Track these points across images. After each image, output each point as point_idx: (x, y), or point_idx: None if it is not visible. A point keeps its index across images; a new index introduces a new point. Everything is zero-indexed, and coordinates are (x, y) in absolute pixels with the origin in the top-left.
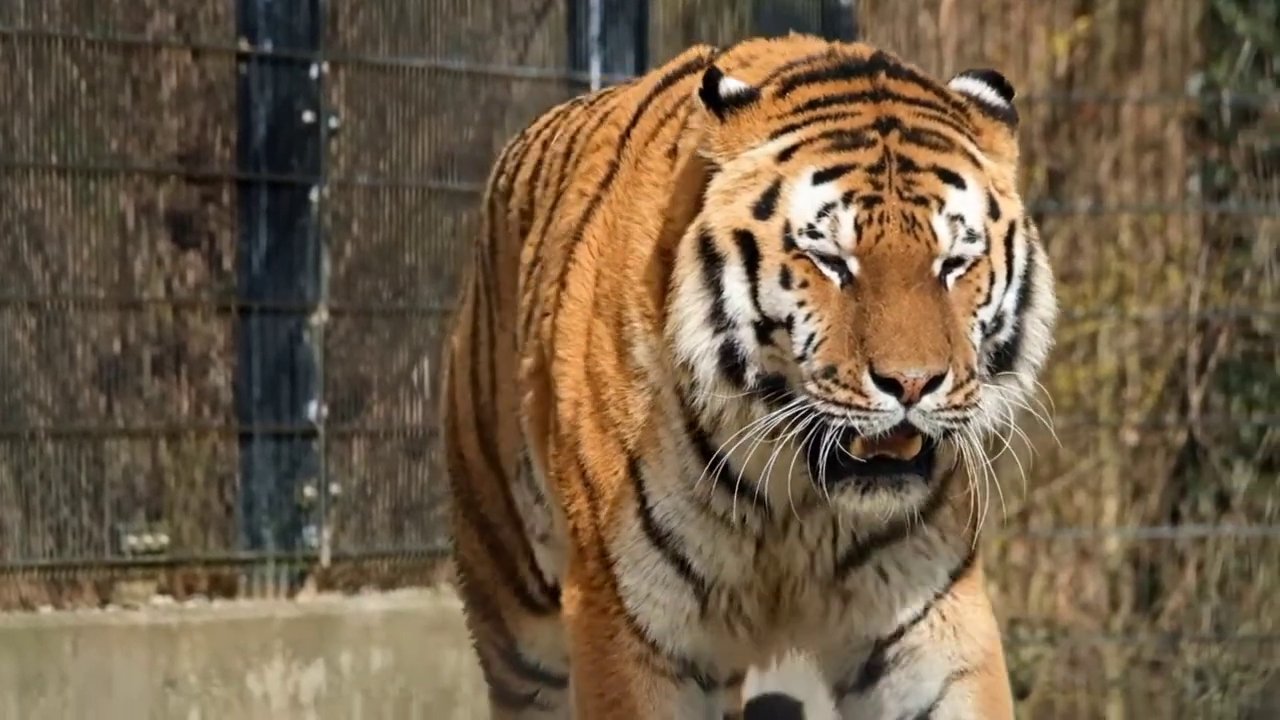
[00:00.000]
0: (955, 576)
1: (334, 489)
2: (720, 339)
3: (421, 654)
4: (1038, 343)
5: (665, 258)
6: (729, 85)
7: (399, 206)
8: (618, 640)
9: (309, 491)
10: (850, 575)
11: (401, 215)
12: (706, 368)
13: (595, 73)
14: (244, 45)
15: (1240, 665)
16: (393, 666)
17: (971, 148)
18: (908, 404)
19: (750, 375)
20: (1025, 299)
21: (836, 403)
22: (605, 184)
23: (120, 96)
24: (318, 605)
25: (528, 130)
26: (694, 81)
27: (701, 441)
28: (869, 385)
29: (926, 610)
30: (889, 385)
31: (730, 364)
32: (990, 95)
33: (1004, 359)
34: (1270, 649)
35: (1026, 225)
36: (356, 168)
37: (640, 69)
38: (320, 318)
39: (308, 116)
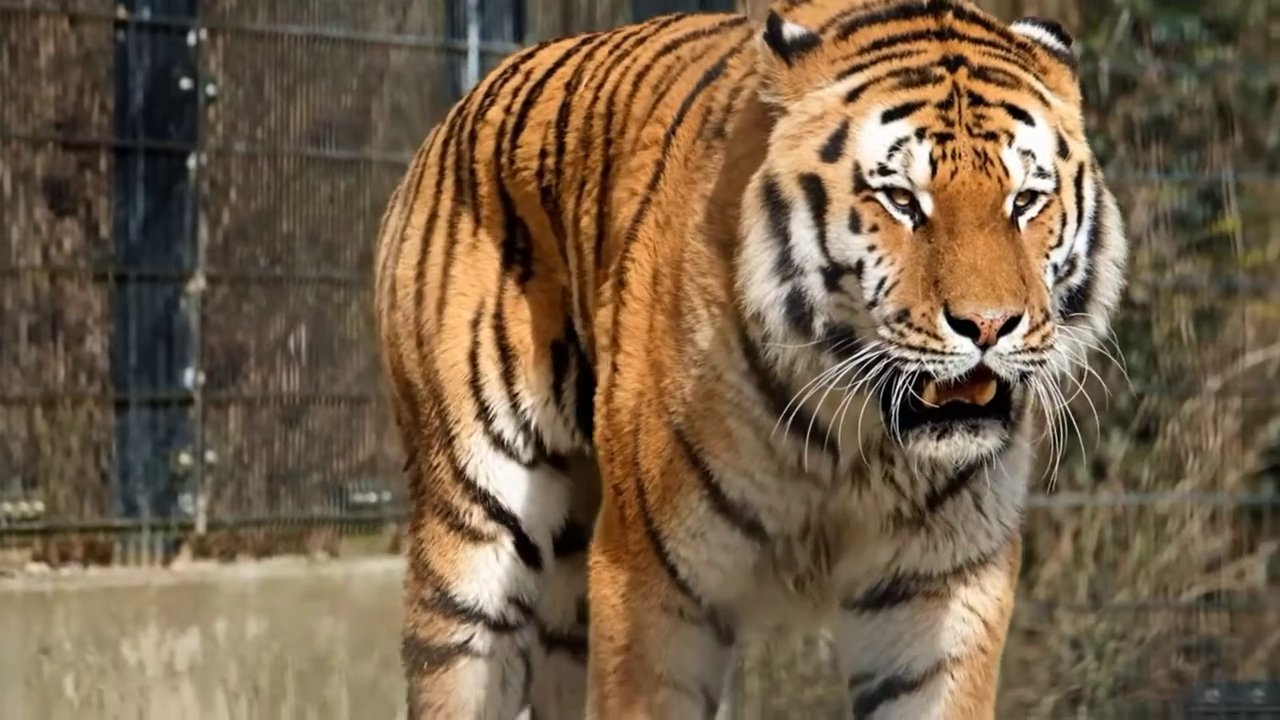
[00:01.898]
0: (1009, 526)
1: (210, 456)
2: (787, 287)
3: (296, 621)
4: (1110, 284)
5: (718, 241)
6: (792, 29)
7: (276, 174)
8: (644, 591)
9: (185, 459)
10: (929, 516)
11: (279, 183)
12: (775, 317)
13: (473, 40)
14: (121, 12)
15: (1116, 634)
16: (267, 634)
17: (1039, 86)
18: (984, 346)
19: (818, 324)
20: (1096, 240)
21: (911, 347)
22: (653, 185)
23: None
24: (193, 573)
25: (524, 66)
26: (736, 78)
27: (775, 396)
28: (944, 328)
29: (968, 564)
30: (965, 327)
31: (798, 313)
32: (1052, 39)
33: (1076, 302)
34: (1146, 618)
35: (1094, 168)
36: (234, 135)
37: (519, 36)
38: (197, 285)
39: (185, 84)
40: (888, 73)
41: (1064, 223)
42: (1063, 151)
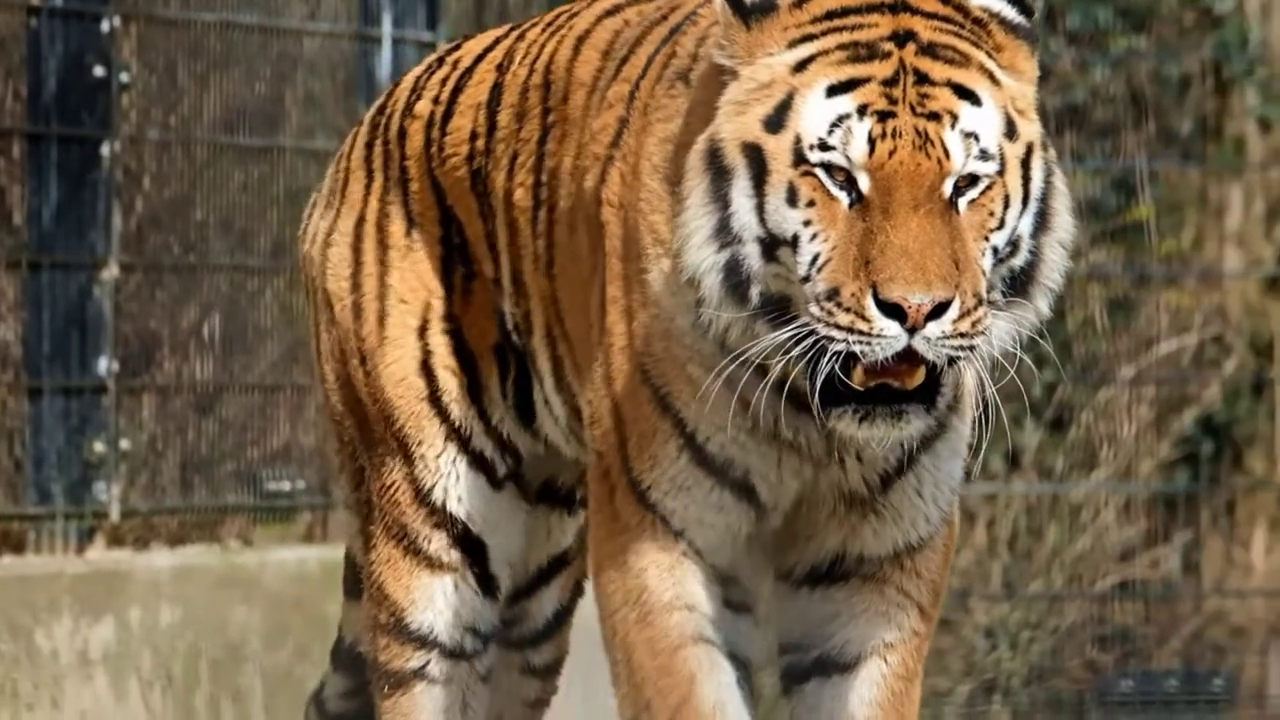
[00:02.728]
0: (946, 510)
1: (124, 444)
2: (725, 254)
3: (210, 609)
4: (1055, 267)
5: (670, 182)
6: None
7: (190, 161)
8: (639, 544)
9: (99, 447)
10: (878, 498)
11: (192, 170)
12: (711, 283)
13: (387, 28)
14: None
15: (1030, 623)
16: (181, 622)
17: (990, 64)
18: (911, 330)
19: (755, 293)
20: (1043, 222)
21: (838, 326)
22: (615, 142)
23: None
24: (107, 561)
25: (450, 57)
26: (704, 26)
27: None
28: (872, 310)
29: (907, 549)
30: (892, 310)
31: (735, 280)
32: (1012, 13)
33: (1019, 283)
34: (1060, 607)
35: (1045, 148)
36: (147, 122)
37: (432, 24)
38: (111, 273)
39: (99, 71)
40: (836, 45)
41: (1006, 205)
42: (1010, 133)
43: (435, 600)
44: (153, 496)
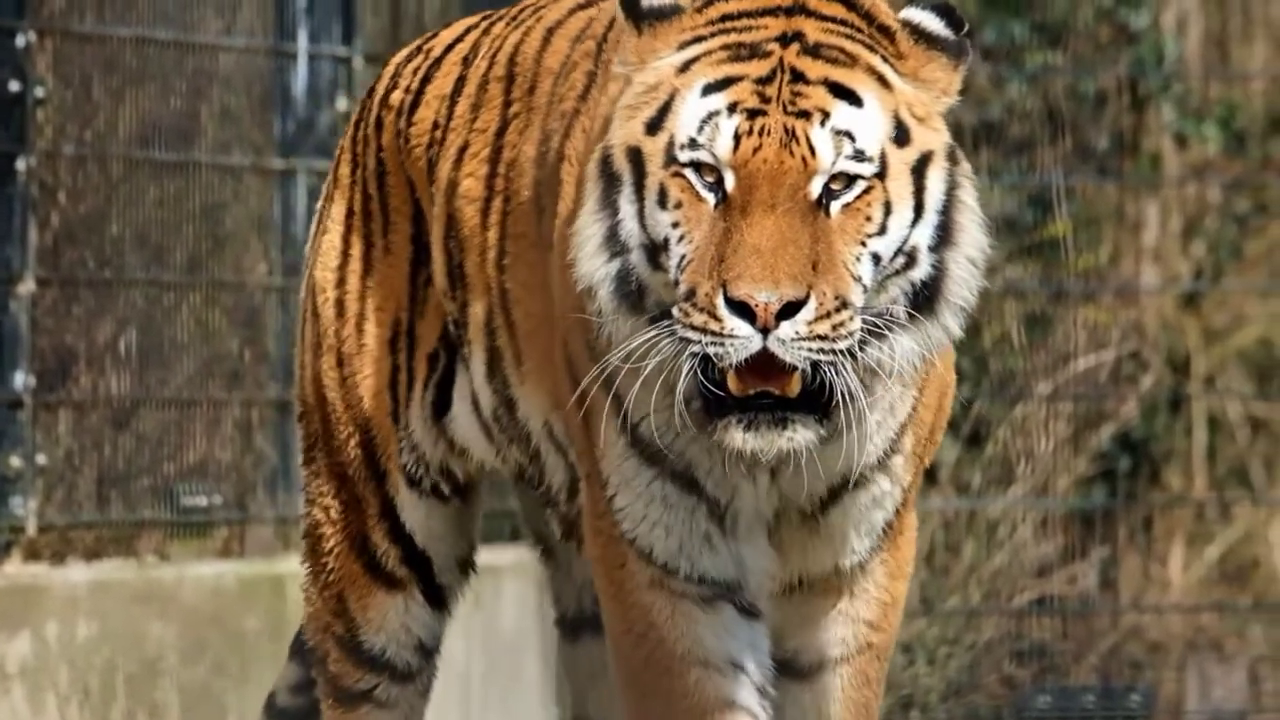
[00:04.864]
0: (889, 529)
1: (40, 459)
2: (616, 264)
3: (126, 624)
4: (962, 283)
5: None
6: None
7: (105, 176)
8: (629, 568)
9: (15, 461)
10: (826, 514)
11: (108, 185)
12: (605, 294)
13: (302, 43)
14: None
15: (947, 639)
16: (98, 637)
17: (883, 68)
18: (764, 331)
19: (650, 302)
20: (945, 236)
21: (694, 327)
22: (584, 96)
23: None
24: (23, 575)
25: (426, 45)
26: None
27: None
28: (722, 309)
29: (851, 567)
30: (740, 309)
31: (627, 290)
32: (933, 25)
33: (924, 298)
34: (977, 623)
35: (952, 159)
36: (63, 138)
37: (347, 39)
38: (27, 287)
39: (14, 86)
40: (720, 46)
41: (888, 211)
42: (899, 138)
43: (389, 621)
44: (69, 511)
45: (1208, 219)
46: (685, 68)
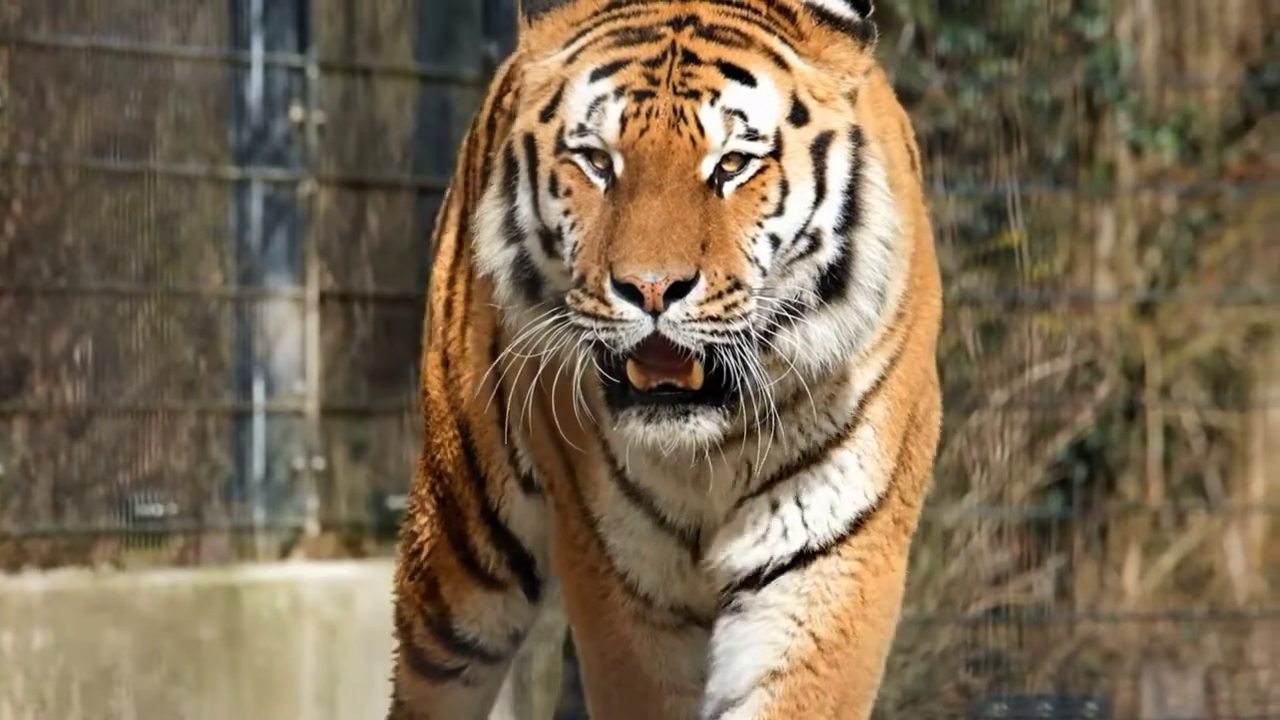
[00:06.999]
0: (858, 524)
1: None
2: (513, 250)
3: (81, 633)
4: (874, 264)
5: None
6: None
7: (60, 185)
8: (611, 600)
9: None
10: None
11: (62, 194)
12: (503, 281)
13: (257, 52)
14: None
15: (903, 647)
16: (53, 646)
17: (781, 48)
18: (654, 313)
19: (547, 291)
20: (853, 217)
21: (585, 313)
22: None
23: None
24: None
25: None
26: None
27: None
28: (610, 293)
29: (804, 559)
30: (628, 291)
31: (524, 277)
32: (835, 4)
33: (833, 283)
34: (932, 632)
35: (857, 140)
36: (17, 146)
37: (302, 48)
38: None
39: None
40: (608, 32)
41: (785, 191)
42: (797, 118)
43: (484, 615)
44: (24, 520)
45: (1163, 228)
46: (574, 57)
